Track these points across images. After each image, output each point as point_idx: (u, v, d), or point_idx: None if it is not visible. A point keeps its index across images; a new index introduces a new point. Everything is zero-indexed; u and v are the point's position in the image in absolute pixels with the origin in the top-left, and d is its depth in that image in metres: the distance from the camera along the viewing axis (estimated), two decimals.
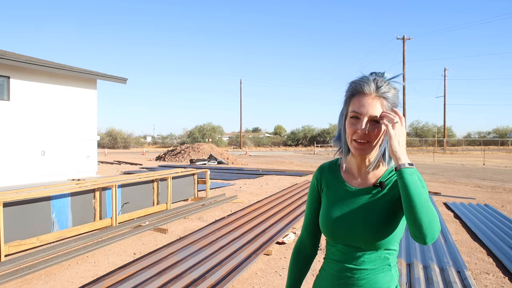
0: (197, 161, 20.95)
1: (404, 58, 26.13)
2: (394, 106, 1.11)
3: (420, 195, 0.96)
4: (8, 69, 9.96)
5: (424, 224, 0.94)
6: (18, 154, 10.14)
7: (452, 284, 3.30)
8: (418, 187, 0.97)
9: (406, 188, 0.97)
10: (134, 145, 53.30)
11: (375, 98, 1.08)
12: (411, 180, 0.97)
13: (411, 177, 0.98)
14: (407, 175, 0.98)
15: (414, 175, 0.99)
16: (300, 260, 1.31)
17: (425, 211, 0.94)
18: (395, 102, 1.11)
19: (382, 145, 1.13)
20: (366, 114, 1.07)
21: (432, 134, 55.82)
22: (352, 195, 1.15)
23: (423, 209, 0.94)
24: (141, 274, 3.31)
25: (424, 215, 0.94)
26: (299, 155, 33.81)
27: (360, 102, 1.08)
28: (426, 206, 0.95)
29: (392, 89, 1.10)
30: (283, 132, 74.63)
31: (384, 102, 1.09)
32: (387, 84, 1.10)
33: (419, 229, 0.95)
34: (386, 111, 1.07)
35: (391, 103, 1.10)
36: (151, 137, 74.66)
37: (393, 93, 1.10)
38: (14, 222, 4.34)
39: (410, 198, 0.96)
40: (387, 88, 1.09)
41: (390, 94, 1.09)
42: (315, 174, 1.28)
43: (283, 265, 4.06)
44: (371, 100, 1.08)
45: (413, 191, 0.96)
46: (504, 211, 7.20)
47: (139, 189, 6.47)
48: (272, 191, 9.70)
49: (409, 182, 0.97)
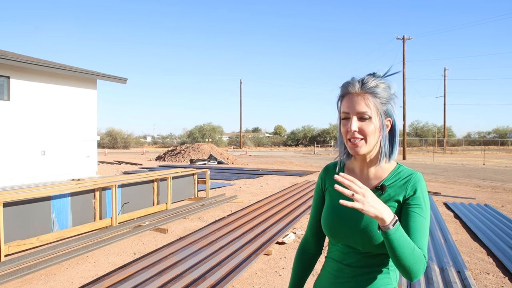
0: (197, 161, 20.95)
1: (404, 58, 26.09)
2: (387, 100, 1.10)
3: (405, 251, 0.97)
4: (8, 69, 9.96)
5: (410, 269, 0.99)
6: (18, 154, 10.13)
7: (452, 284, 3.29)
8: (404, 244, 0.97)
9: (392, 247, 0.97)
10: (134, 145, 53.32)
11: (360, 94, 1.08)
12: (396, 239, 0.96)
13: (396, 237, 0.96)
14: (392, 236, 0.96)
15: (399, 231, 0.97)
16: (304, 259, 1.32)
17: (410, 261, 0.98)
18: (386, 96, 1.10)
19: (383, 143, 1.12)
20: (353, 112, 1.08)
21: (432, 134, 55.84)
22: None
23: (407, 260, 0.97)
24: (141, 274, 3.31)
25: (410, 263, 0.98)
26: (299, 155, 33.80)
27: (347, 102, 1.09)
28: (411, 257, 0.98)
29: (381, 84, 1.09)
30: (283, 132, 74.63)
31: (371, 97, 1.08)
32: (374, 80, 1.09)
33: (406, 272, 1.00)
34: (345, 178, 0.97)
35: (380, 97, 1.09)
36: (151, 137, 74.65)
37: (383, 87, 1.09)
38: (14, 222, 4.34)
39: (396, 254, 0.97)
40: (374, 83, 1.08)
41: (379, 89, 1.08)
42: (320, 174, 1.29)
43: (283, 265, 4.06)
44: (357, 97, 1.08)
45: (399, 249, 0.97)
46: (504, 211, 7.20)
47: (139, 189, 6.47)
48: (272, 191, 9.70)
49: (396, 243, 0.96)
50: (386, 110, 1.11)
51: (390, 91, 1.12)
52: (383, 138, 1.11)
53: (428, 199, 1.10)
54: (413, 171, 1.13)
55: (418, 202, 1.07)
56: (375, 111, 1.09)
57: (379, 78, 1.10)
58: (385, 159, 1.14)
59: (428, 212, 1.08)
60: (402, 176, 1.12)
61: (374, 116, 1.08)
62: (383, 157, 1.13)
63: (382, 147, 1.12)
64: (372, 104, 1.08)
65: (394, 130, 1.14)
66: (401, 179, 1.11)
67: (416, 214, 1.05)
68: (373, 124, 1.08)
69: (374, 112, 1.08)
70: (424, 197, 1.08)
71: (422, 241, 1.03)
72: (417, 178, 1.10)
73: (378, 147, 1.13)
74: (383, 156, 1.12)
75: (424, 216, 1.06)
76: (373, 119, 1.08)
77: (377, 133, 1.09)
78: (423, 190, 1.09)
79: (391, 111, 1.12)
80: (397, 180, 1.12)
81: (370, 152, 1.12)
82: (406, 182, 1.10)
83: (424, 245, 1.03)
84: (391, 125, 1.14)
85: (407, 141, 35.13)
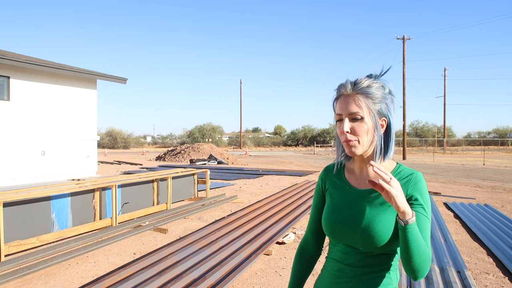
0: (197, 161, 20.95)
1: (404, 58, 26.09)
2: (379, 100, 1.10)
3: (419, 247, 0.98)
4: (8, 69, 9.96)
5: (418, 267, 1.00)
6: (18, 154, 10.14)
7: (452, 284, 3.29)
8: (418, 239, 0.98)
9: (408, 242, 0.98)
10: (134, 145, 53.31)
11: (352, 95, 1.09)
12: (413, 235, 0.98)
13: (413, 232, 0.98)
14: (411, 231, 0.98)
15: (416, 227, 0.99)
16: (303, 259, 1.32)
17: (421, 258, 0.99)
18: (378, 96, 1.09)
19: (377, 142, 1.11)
20: (346, 114, 1.09)
21: (432, 134, 55.82)
22: (354, 197, 1.15)
23: (418, 257, 0.99)
24: (141, 274, 3.31)
25: (420, 260, 0.99)
26: (299, 155, 33.81)
27: (341, 103, 1.10)
28: (422, 254, 0.99)
29: (374, 84, 1.09)
30: (283, 132, 74.63)
31: (362, 97, 1.08)
32: (366, 81, 1.09)
33: (413, 270, 1.00)
34: (378, 168, 0.97)
35: (373, 97, 1.09)
36: (151, 137, 74.65)
37: (376, 87, 1.09)
38: (14, 222, 4.34)
39: (409, 250, 0.98)
40: (366, 83, 1.08)
41: (372, 89, 1.08)
42: (321, 174, 1.29)
43: (283, 265, 4.06)
44: (348, 99, 1.09)
45: (413, 245, 0.98)
46: (504, 211, 7.20)
47: (139, 189, 6.47)
48: (272, 191, 9.70)
49: (412, 238, 0.98)
50: (380, 110, 1.11)
51: (384, 90, 1.11)
52: (377, 138, 1.11)
53: (429, 198, 1.10)
54: (413, 171, 1.12)
55: (420, 202, 1.07)
56: (367, 111, 1.08)
57: (373, 79, 1.11)
58: (380, 159, 1.13)
59: (429, 211, 1.08)
60: (403, 176, 1.12)
61: (367, 116, 1.08)
62: (378, 157, 1.12)
63: (377, 147, 1.12)
64: (364, 105, 1.08)
65: (390, 129, 1.14)
66: (402, 179, 1.11)
67: (419, 213, 1.05)
68: (366, 124, 1.08)
69: (367, 112, 1.08)
70: (425, 197, 1.08)
71: (426, 241, 1.04)
72: (417, 178, 1.10)
73: (374, 147, 1.13)
74: (378, 155, 1.12)
75: (426, 215, 1.06)
76: (366, 119, 1.08)
77: (370, 133, 1.09)
78: (424, 190, 1.09)
79: (386, 110, 1.12)
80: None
81: (366, 152, 1.12)
82: (407, 182, 1.10)
83: (428, 244, 1.04)
84: (387, 124, 1.13)
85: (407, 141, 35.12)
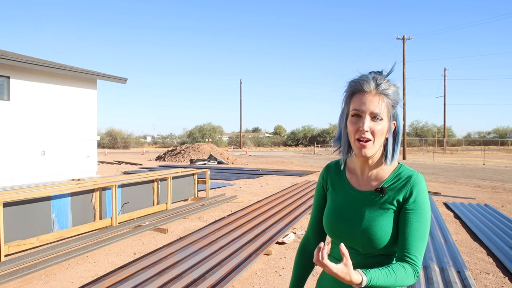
0: (197, 161, 20.95)
1: (404, 58, 26.08)
2: (395, 103, 1.11)
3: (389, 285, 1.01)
4: (8, 69, 9.96)
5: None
6: (18, 154, 10.14)
7: (452, 284, 3.29)
8: (385, 282, 0.99)
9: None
10: (134, 145, 53.29)
11: (375, 95, 1.08)
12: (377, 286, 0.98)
13: (375, 286, 0.98)
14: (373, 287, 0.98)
15: (376, 279, 0.98)
16: (304, 257, 1.32)
17: (397, 285, 1.02)
18: (395, 99, 1.11)
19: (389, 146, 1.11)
20: (367, 111, 1.07)
21: (432, 134, 55.82)
22: (354, 197, 1.15)
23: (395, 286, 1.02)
24: (141, 274, 3.31)
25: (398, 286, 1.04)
26: (299, 155, 33.80)
27: (361, 99, 1.08)
28: (396, 284, 1.01)
29: (392, 86, 1.10)
30: (283, 132, 74.62)
31: (385, 98, 1.09)
32: (386, 82, 1.09)
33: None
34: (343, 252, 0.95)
35: (391, 99, 1.10)
36: (151, 137, 74.62)
37: (393, 90, 1.10)
38: (14, 222, 4.34)
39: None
40: (387, 85, 1.09)
41: (390, 91, 1.09)
42: (322, 172, 1.29)
43: (283, 265, 4.06)
44: (372, 97, 1.07)
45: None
46: (504, 211, 7.20)
47: (139, 189, 6.47)
48: (272, 191, 9.71)
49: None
50: (394, 113, 1.12)
51: (399, 95, 1.13)
52: (389, 142, 1.11)
53: (428, 200, 1.10)
54: (414, 172, 1.12)
55: (415, 207, 1.07)
56: (386, 113, 1.09)
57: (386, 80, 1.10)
58: (386, 162, 1.14)
59: (426, 214, 1.08)
60: (402, 177, 1.12)
61: (385, 118, 1.09)
62: (389, 160, 1.12)
63: (388, 151, 1.12)
64: (386, 106, 1.08)
65: (397, 133, 1.14)
66: (401, 180, 1.11)
67: (413, 219, 1.06)
68: (383, 126, 1.08)
69: (385, 114, 1.09)
70: (422, 200, 1.08)
71: (417, 247, 1.04)
72: (416, 181, 1.10)
73: (382, 150, 1.13)
74: (390, 159, 1.12)
75: (421, 220, 1.06)
76: (384, 120, 1.08)
77: (384, 135, 1.10)
78: (422, 193, 1.09)
79: (397, 114, 1.13)
80: (397, 182, 1.12)
81: (375, 153, 1.12)
82: (405, 184, 1.10)
83: (418, 250, 1.04)
84: (395, 128, 1.14)
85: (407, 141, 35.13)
